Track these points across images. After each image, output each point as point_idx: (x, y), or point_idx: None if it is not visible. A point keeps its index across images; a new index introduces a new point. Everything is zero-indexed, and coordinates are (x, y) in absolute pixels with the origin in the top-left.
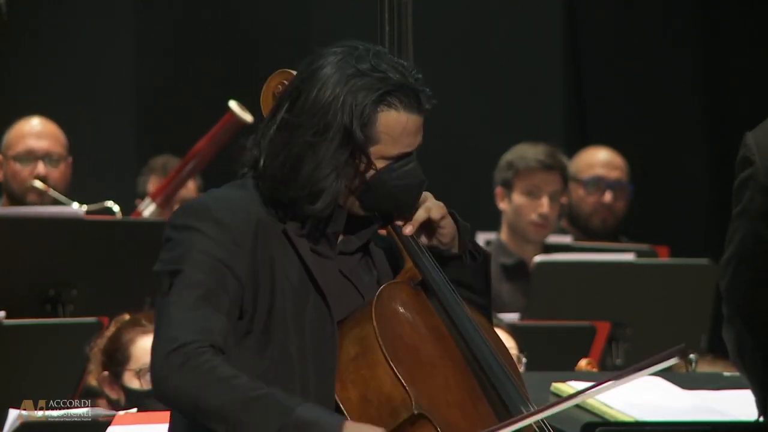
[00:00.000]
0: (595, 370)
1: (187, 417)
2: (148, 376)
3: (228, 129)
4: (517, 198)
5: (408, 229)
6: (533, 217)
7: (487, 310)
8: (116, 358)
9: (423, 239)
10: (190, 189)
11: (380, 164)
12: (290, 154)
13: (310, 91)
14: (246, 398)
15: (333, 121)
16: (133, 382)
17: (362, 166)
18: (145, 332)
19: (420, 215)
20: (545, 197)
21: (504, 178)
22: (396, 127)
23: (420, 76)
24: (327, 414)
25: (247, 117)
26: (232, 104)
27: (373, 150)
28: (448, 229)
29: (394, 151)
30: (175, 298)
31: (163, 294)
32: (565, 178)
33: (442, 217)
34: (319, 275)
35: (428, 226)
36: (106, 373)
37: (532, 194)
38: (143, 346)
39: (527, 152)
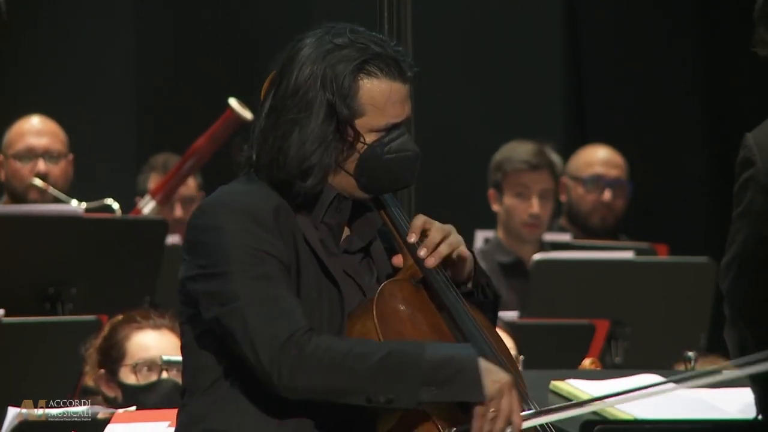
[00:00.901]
0: (599, 369)
1: (327, 400)
2: (144, 371)
3: (228, 126)
4: (508, 200)
5: (431, 261)
6: (524, 217)
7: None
8: (111, 356)
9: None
10: (191, 187)
11: (371, 138)
12: (277, 136)
13: (291, 72)
14: (374, 363)
15: (315, 97)
16: (129, 378)
17: (351, 141)
18: (139, 328)
19: (443, 249)
20: (534, 197)
21: (494, 181)
22: (379, 97)
23: (400, 48)
24: (457, 347)
25: (247, 114)
26: (232, 101)
27: (361, 123)
28: (466, 264)
29: (382, 121)
30: (248, 297)
31: (225, 300)
32: (555, 173)
33: (463, 254)
34: (330, 266)
35: (448, 260)
36: (102, 371)
37: (522, 195)
38: (138, 341)
39: (513, 153)
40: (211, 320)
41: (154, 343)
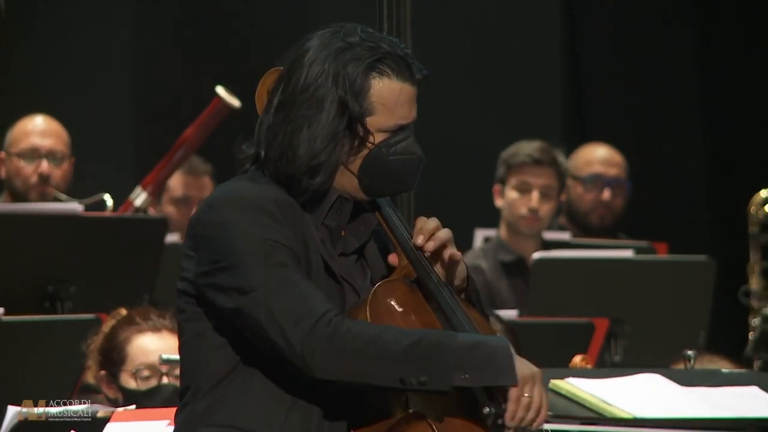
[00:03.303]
0: (589, 366)
1: (352, 384)
2: (144, 376)
3: (216, 115)
4: (510, 193)
5: (430, 245)
6: (524, 211)
7: None
8: (112, 359)
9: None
10: (208, 189)
11: (378, 138)
12: (287, 131)
13: (302, 69)
14: (407, 345)
15: (327, 94)
16: (129, 383)
17: (361, 139)
18: (139, 331)
19: (443, 234)
20: (535, 192)
21: (499, 176)
22: (390, 96)
23: (409, 51)
24: (488, 336)
25: (235, 102)
26: (219, 90)
27: (369, 122)
28: (459, 268)
29: (390, 122)
30: (268, 284)
31: (245, 289)
32: (560, 173)
33: (456, 255)
34: (333, 266)
35: (442, 262)
36: (103, 372)
37: (523, 189)
38: (138, 345)
39: (520, 149)
40: (231, 312)
41: (154, 347)
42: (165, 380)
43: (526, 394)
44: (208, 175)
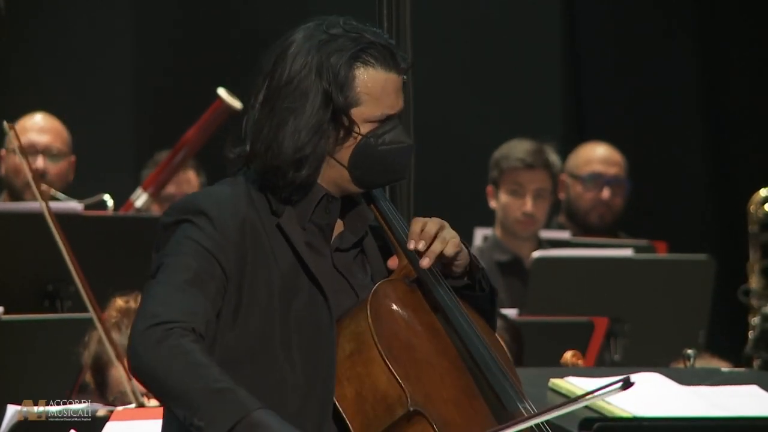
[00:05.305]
0: (581, 362)
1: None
2: (123, 400)
3: (217, 116)
4: (503, 197)
5: (425, 262)
6: (518, 215)
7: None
8: (97, 380)
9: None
10: (194, 185)
11: (366, 128)
12: (272, 125)
13: (285, 63)
14: (211, 388)
15: (311, 87)
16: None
17: (346, 131)
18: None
19: (436, 247)
20: (529, 196)
21: (492, 177)
22: (375, 86)
23: (393, 41)
24: (285, 425)
25: (236, 104)
26: (221, 91)
27: (356, 113)
28: (461, 261)
29: (377, 112)
30: (162, 278)
31: (152, 276)
32: (552, 173)
33: (457, 251)
34: (315, 268)
35: (442, 258)
36: (93, 387)
37: (516, 193)
38: (115, 375)
39: (512, 151)
40: None
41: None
42: (146, 401)
43: None
44: None
